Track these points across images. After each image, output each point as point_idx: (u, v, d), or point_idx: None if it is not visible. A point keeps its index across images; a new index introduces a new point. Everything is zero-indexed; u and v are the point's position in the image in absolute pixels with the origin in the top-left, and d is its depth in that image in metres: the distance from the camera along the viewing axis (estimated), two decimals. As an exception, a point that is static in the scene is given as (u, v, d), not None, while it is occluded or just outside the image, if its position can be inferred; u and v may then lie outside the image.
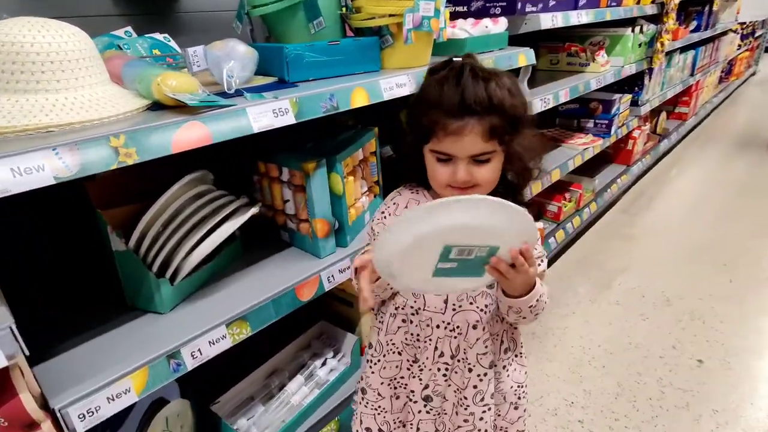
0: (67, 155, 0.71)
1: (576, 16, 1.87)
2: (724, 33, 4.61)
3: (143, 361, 0.90)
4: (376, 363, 0.96)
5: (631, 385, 1.69)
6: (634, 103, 2.89)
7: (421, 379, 0.91)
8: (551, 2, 1.80)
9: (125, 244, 0.99)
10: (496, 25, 1.60)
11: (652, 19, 2.70)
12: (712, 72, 4.61)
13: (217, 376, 1.35)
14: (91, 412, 0.84)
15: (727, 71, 5.78)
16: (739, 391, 1.64)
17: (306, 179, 1.17)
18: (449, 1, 1.81)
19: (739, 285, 2.22)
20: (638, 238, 2.71)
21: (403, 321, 0.90)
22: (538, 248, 0.84)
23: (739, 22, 5.18)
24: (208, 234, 1.05)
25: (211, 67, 1.04)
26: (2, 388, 0.77)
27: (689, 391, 1.66)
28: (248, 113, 0.91)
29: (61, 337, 0.98)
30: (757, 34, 7.15)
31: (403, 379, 0.94)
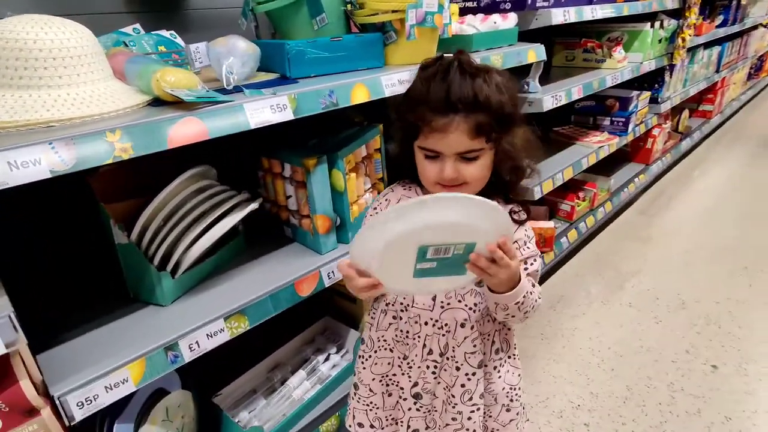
0: (64, 150, 0.72)
1: (590, 12, 1.82)
2: (754, 27, 4.45)
3: (141, 352, 0.92)
4: (367, 359, 0.96)
5: (640, 389, 1.65)
6: (654, 101, 2.82)
7: (410, 377, 0.91)
8: (564, -3, 1.77)
9: (127, 237, 1.02)
10: (506, 21, 1.57)
11: (673, 14, 2.62)
12: (740, 68, 4.46)
13: (223, 369, 1.37)
14: (90, 401, 0.86)
15: (757, 68, 5.57)
16: (755, 399, 1.59)
17: (307, 175, 1.17)
18: (459, -3, 1.79)
19: (760, 289, 2.15)
20: (655, 239, 2.65)
21: (393, 318, 0.90)
22: (530, 247, 0.83)
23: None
24: (208, 228, 1.07)
25: (213, 64, 1.05)
26: (3, 375, 0.79)
27: (701, 398, 1.61)
28: (245, 109, 0.92)
29: (65, 327, 1.00)
30: (790, 29, 6.88)
31: (395, 376, 0.94)
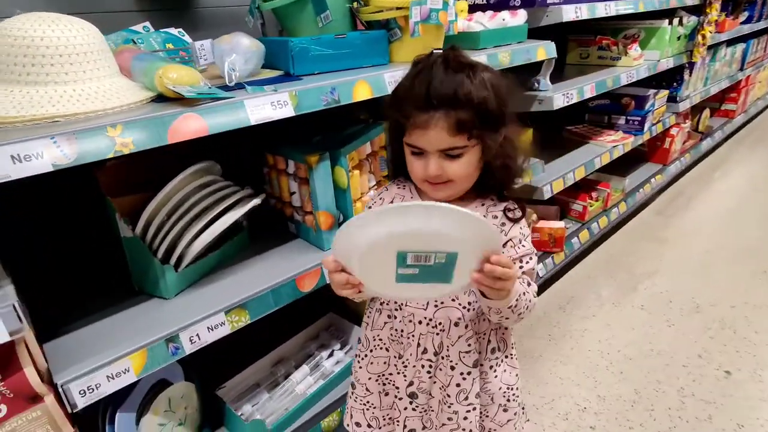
0: (65, 144, 0.74)
1: (603, 8, 1.79)
2: (781, 24, 4.30)
3: (143, 343, 0.94)
4: (363, 358, 0.96)
5: (649, 393, 1.62)
6: (672, 99, 2.75)
7: (405, 376, 0.91)
8: (576, -7, 1.74)
9: (132, 231, 1.04)
10: (515, 18, 1.56)
11: (694, 10, 2.56)
12: (766, 66, 4.32)
13: (229, 363, 1.39)
14: (92, 389, 0.88)
15: (785, 66, 5.39)
16: (769, 406, 1.55)
17: (309, 172, 1.18)
18: (469, -6, 1.78)
19: (779, 294, 2.08)
20: (671, 240, 2.59)
21: (388, 317, 0.90)
22: (526, 245, 0.82)
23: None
24: (210, 223, 1.08)
25: (217, 61, 1.07)
26: (8, 362, 0.82)
27: (713, 403, 1.57)
28: (245, 105, 0.93)
29: (72, 318, 1.03)
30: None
31: (391, 375, 0.94)
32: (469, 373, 0.87)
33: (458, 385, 0.88)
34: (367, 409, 0.99)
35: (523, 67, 1.58)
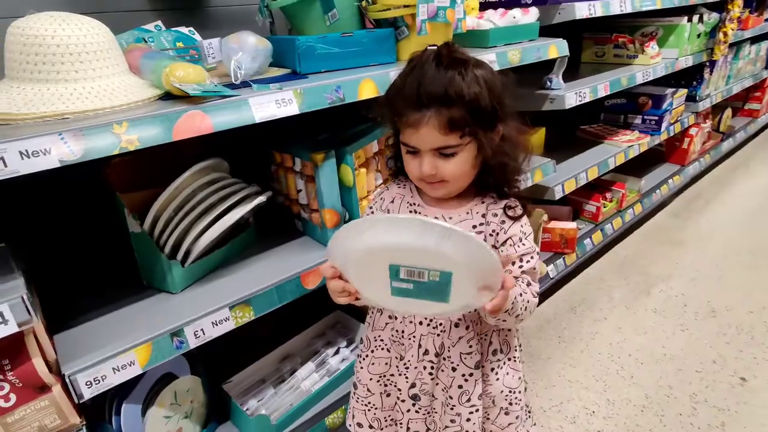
0: (72, 141, 0.76)
1: (618, 5, 1.76)
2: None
3: (148, 337, 0.96)
4: (365, 359, 0.96)
5: (660, 399, 1.59)
6: (691, 99, 2.69)
7: (407, 377, 0.90)
8: (590, -10, 1.71)
9: (140, 227, 1.06)
10: (526, 16, 1.54)
11: (715, 7, 2.49)
12: (793, 65, 4.19)
13: (236, 358, 1.41)
14: (98, 381, 0.90)
15: (813, 64, 5.22)
16: (786, 415, 1.50)
17: (315, 170, 1.18)
18: (481, -9, 1.76)
19: (800, 299, 2.02)
20: (688, 243, 2.53)
21: (389, 317, 0.90)
22: (526, 243, 0.81)
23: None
24: (217, 219, 1.10)
25: (224, 59, 1.08)
26: (18, 353, 0.84)
27: (726, 411, 1.53)
28: (250, 103, 0.94)
29: (82, 311, 1.06)
30: None
31: (392, 376, 0.94)
32: (471, 375, 0.86)
33: (460, 387, 0.87)
34: (369, 410, 0.99)
35: (537, 66, 1.56)
